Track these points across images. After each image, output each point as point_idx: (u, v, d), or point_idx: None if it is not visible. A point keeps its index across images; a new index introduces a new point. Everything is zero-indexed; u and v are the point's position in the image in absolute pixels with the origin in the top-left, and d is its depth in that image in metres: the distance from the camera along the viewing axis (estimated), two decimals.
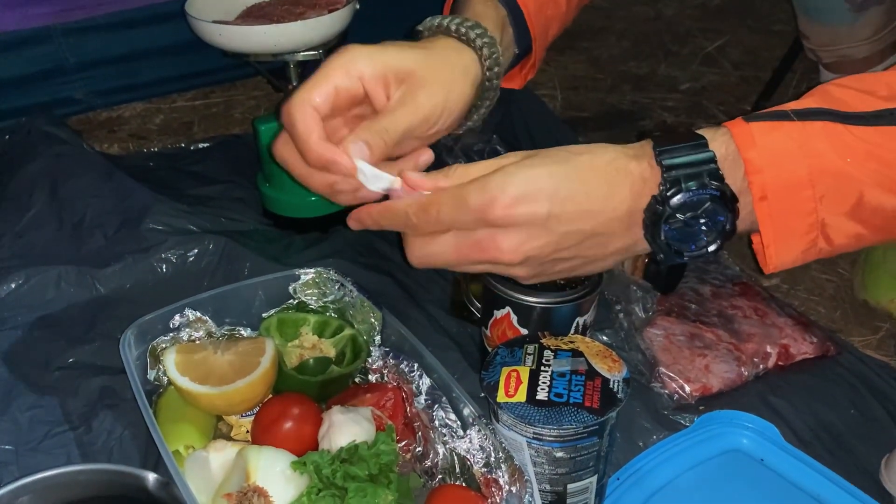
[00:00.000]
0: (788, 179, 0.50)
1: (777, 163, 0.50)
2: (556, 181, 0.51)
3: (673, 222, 0.50)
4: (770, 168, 0.50)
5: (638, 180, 0.51)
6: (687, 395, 0.76)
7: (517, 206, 0.50)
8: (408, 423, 0.66)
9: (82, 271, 0.85)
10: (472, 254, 0.52)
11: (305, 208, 0.96)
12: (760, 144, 0.50)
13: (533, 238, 0.51)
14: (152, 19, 1.18)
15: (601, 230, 0.52)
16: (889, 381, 0.80)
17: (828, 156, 0.49)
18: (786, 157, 0.50)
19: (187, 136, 1.21)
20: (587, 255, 0.53)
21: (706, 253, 0.52)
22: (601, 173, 0.51)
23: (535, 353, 0.64)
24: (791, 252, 0.52)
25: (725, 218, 0.51)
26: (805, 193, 0.50)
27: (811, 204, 0.50)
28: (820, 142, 0.49)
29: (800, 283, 0.95)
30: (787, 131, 0.50)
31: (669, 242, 0.51)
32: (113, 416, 0.70)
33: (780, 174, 0.50)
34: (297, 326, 0.74)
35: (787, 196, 0.50)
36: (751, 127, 0.50)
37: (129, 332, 0.68)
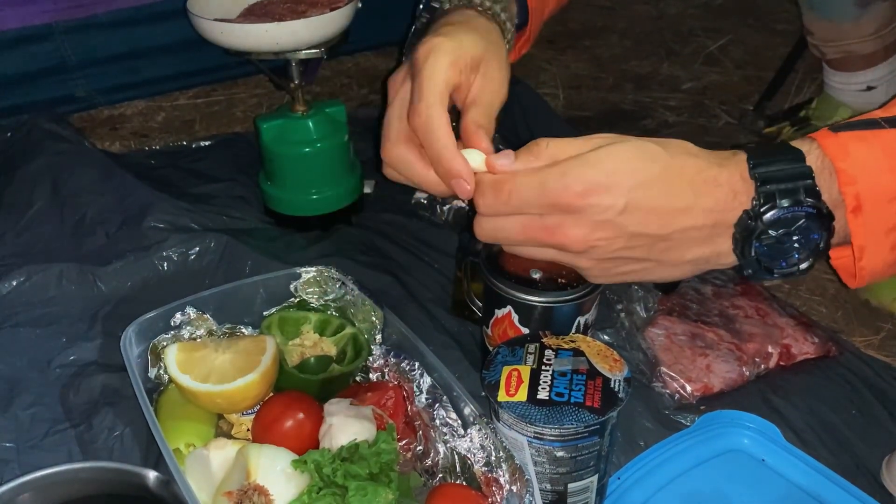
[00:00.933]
0: (883, 189, 0.48)
1: (871, 172, 0.48)
2: (638, 178, 0.49)
3: (765, 238, 0.49)
4: (864, 178, 0.48)
5: (727, 193, 0.49)
6: (688, 395, 0.76)
7: (591, 196, 0.49)
8: (408, 422, 0.66)
9: (84, 269, 0.85)
10: (540, 235, 0.51)
11: (307, 206, 0.96)
12: (853, 154, 0.48)
13: (601, 229, 0.50)
14: (154, 17, 1.18)
15: (677, 237, 0.50)
16: (890, 381, 0.80)
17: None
18: (880, 167, 0.48)
19: (189, 134, 1.21)
20: (660, 260, 0.51)
21: (797, 271, 0.50)
22: (688, 181, 0.50)
23: (536, 352, 0.64)
24: (881, 264, 0.51)
25: (820, 236, 0.49)
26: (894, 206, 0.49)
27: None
28: None
29: (801, 284, 0.95)
30: (881, 140, 0.49)
31: (760, 258, 0.49)
32: (114, 414, 0.70)
33: (876, 184, 0.48)
34: (299, 325, 0.74)
35: (881, 207, 0.49)
36: (841, 138, 0.49)
37: (130, 329, 0.68)
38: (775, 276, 0.50)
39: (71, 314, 0.82)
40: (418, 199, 1.02)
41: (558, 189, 0.49)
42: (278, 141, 0.93)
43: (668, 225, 0.49)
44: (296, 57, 0.89)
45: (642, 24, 1.63)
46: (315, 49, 0.88)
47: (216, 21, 0.85)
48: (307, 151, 0.92)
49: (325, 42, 0.89)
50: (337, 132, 0.94)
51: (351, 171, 0.98)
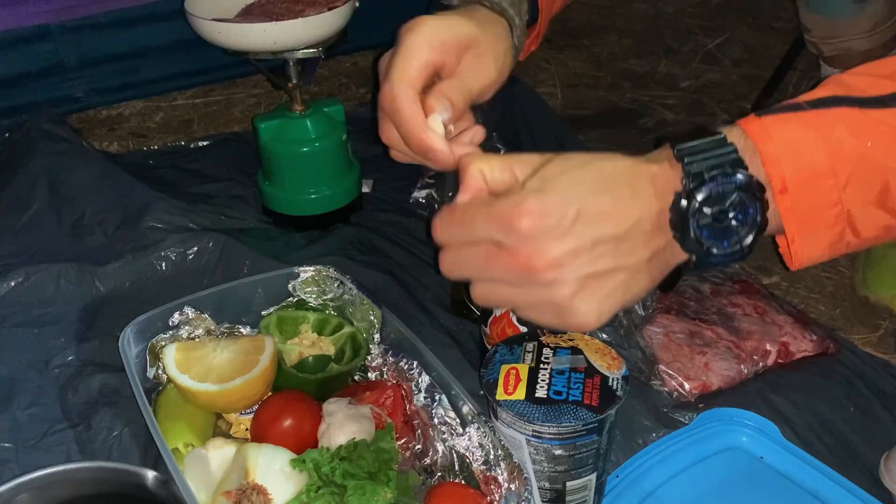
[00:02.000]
0: (808, 169, 0.48)
1: (795, 152, 0.48)
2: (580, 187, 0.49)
3: (701, 218, 0.48)
4: (788, 158, 0.48)
5: (660, 178, 0.49)
6: (686, 393, 0.76)
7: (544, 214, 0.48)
8: (407, 421, 0.66)
9: (82, 269, 0.85)
10: (502, 260, 0.49)
11: (305, 206, 0.96)
12: (776, 136, 0.48)
13: (562, 243, 0.48)
14: (152, 17, 1.18)
15: (632, 233, 0.49)
16: (889, 378, 0.80)
17: (848, 141, 0.48)
18: (803, 146, 0.48)
19: (187, 134, 1.20)
20: (627, 265, 0.50)
21: (741, 249, 0.49)
22: (624, 176, 0.50)
23: (535, 350, 0.64)
24: (817, 247, 0.50)
25: (755, 209, 0.48)
26: (827, 183, 0.48)
27: (835, 194, 0.49)
28: (838, 128, 0.48)
29: (800, 281, 0.95)
30: (803, 120, 0.49)
31: (700, 240, 0.49)
32: (112, 414, 0.70)
33: (799, 164, 0.48)
34: (297, 324, 0.74)
35: (808, 186, 0.48)
36: (764, 121, 0.49)
37: (129, 329, 0.68)
38: (720, 258, 0.49)
39: (69, 314, 0.82)
40: (416, 198, 1.02)
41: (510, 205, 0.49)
42: (276, 140, 0.93)
43: (622, 220, 0.49)
44: (294, 56, 0.89)
45: (640, 23, 1.63)
46: (313, 48, 0.88)
47: (214, 21, 0.86)
48: (305, 151, 0.92)
49: (323, 41, 0.89)
50: (335, 131, 0.94)
51: (349, 170, 0.98)
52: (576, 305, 0.49)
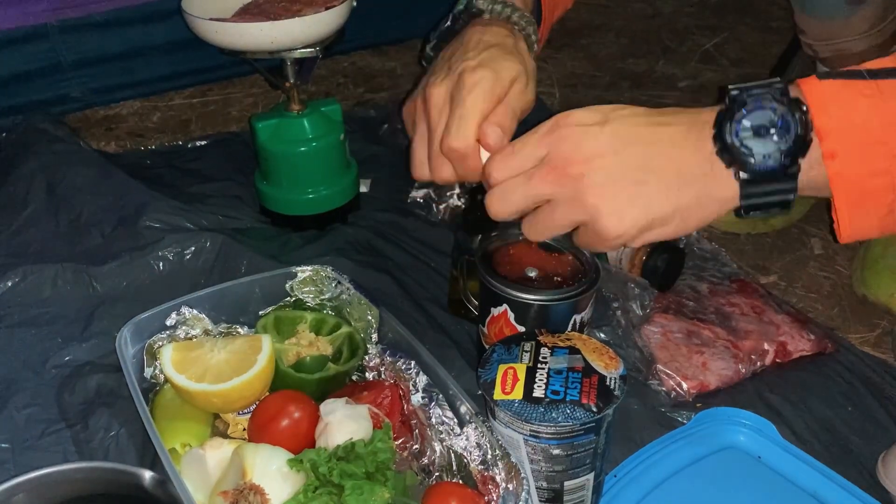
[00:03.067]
0: (859, 133, 0.48)
1: (847, 118, 0.48)
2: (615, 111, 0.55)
3: (742, 130, 0.49)
4: (839, 123, 0.48)
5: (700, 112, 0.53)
6: (684, 393, 0.76)
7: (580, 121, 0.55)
8: (405, 421, 0.66)
9: (79, 269, 0.85)
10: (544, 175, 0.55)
11: (303, 206, 0.96)
12: (829, 97, 0.48)
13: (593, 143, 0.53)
14: (149, 17, 1.18)
15: (667, 148, 0.52)
16: (886, 378, 0.80)
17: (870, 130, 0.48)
18: (856, 113, 0.48)
19: (185, 134, 1.20)
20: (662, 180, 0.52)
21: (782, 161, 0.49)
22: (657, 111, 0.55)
23: (532, 350, 0.64)
24: (867, 217, 0.50)
25: (796, 125, 0.48)
26: (879, 150, 0.47)
27: (885, 162, 0.48)
28: (893, 97, 0.47)
29: (797, 281, 0.95)
30: (860, 88, 0.48)
31: (739, 149, 0.49)
32: (109, 414, 0.70)
33: (851, 128, 0.48)
34: (294, 324, 0.74)
35: (858, 152, 0.48)
36: (822, 85, 0.49)
37: (126, 329, 0.68)
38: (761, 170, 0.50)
39: (66, 314, 0.82)
40: (414, 198, 1.02)
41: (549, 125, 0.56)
42: (274, 140, 0.93)
43: (652, 131, 0.53)
44: (291, 56, 0.89)
45: (638, 23, 1.63)
46: (310, 48, 0.88)
47: (211, 20, 0.85)
48: (303, 151, 0.92)
49: (321, 41, 0.89)
50: (332, 131, 0.94)
51: (346, 170, 0.98)
52: (605, 206, 0.53)
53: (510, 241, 0.75)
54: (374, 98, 1.32)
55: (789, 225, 1.03)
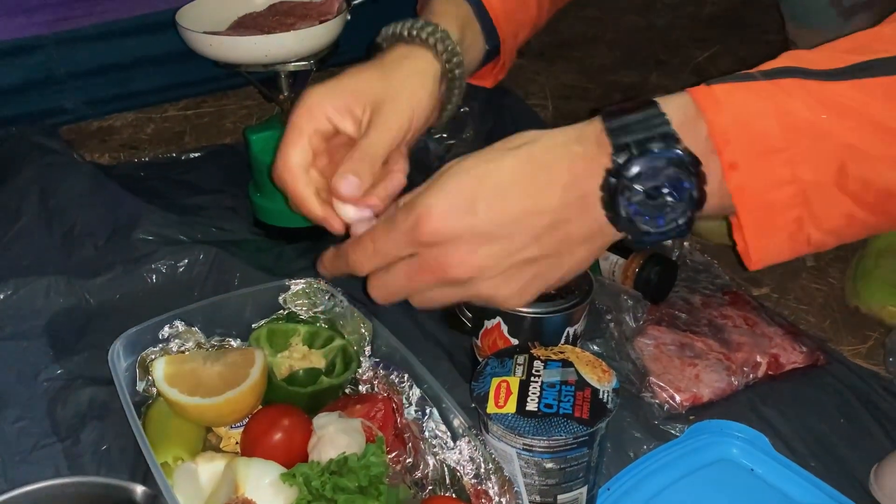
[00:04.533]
0: (760, 141, 0.45)
1: (745, 123, 0.45)
2: (486, 183, 0.48)
3: (633, 195, 0.46)
4: (737, 129, 0.45)
5: (581, 159, 0.47)
6: (677, 405, 0.76)
7: (447, 220, 0.48)
8: (398, 434, 0.66)
9: (72, 281, 0.85)
10: (423, 277, 0.50)
11: (296, 218, 0.94)
12: (725, 105, 0.45)
13: (478, 246, 0.48)
14: (143, 29, 1.18)
15: (554, 219, 0.48)
16: (878, 390, 0.80)
17: (801, 113, 0.44)
18: (754, 116, 0.45)
19: (178, 146, 1.20)
20: (553, 252, 0.49)
21: (677, 227, 0.47)
22: (536, 163, 0.48)
23: (525, 363, 0.64)
24: (774, 236, 0.47)
25: (691, 184, 0.45)
26: (780, 157, 0.44)
27: (788, 170, 0.45)
28: (791, 98, 0.45)
29: (790, 292, 0.95)
30: (755, 89, 0.45)
31: (632, 219, 0.46)
32: (101, 428, 0.70)
33: (750, 135, 0.45)
34: (287, 337, 0.74)
35: (760, 161, 0.45)
36: (713, 89, 0.46)
37: (118, 343, 0.68)
38: (654, 236, 0.47)
39: (58, 327, 0.81)
40: None
41: (412, 224, 0.49)
42: (268, 152, 0.92)
43: (539, 212, 0.48)
44: (285, 69, 0.89)
45: (631, 35, 1.64)
46: (304, 61, 0.88)
47: (205, 34, 0.86)
48: None
49: (315, 54, 0.89)
50: None
51: None
52: (500, 294, 0.51)
53: None
54: None
55: None
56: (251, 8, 0.95)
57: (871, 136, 0.44)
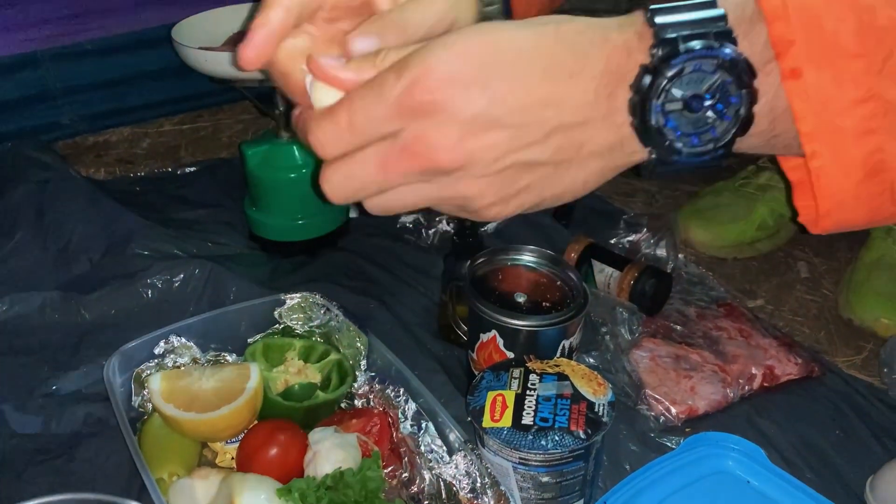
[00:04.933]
0: (831, 45, 0.36)
1: (814, 23, 0.36)
2: (503, 53, 0.38)
3: (668, 101, 0.38)
4: (804, 30, 0.36)
5: (620, 50, 0.38)
6: (673, 417, 0.76)
7: (448, 88, 0.37)
8: (394, 449, 0.66)
9: (67, 297, 0.85)
10: (402, 162, 0.39)
11: (292, 232, 0.96)
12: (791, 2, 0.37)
13: (476, 129, 0.38)
14: (139, 45, 1.19)
15: (570, 118, 0.38)
16: (873, 401, 0.80)
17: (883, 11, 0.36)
18: (826, 15, 0.36)
19: (174, 161, 1.21)
20: (560, 159, 0.40)
21: (713, 152, 0.38)
22: (566, 44, 0.38)
23: (521, 376, 0.64)
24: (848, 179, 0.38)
25: (739, 98, 0.37)
26: (856, 65, 0.36)
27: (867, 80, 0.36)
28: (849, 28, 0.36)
29: (784, 304, 0.96)
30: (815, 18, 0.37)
31: (663, 130, 0.38)
32: (97, 444, 0.70)
33: (820, 37, 0.36)
34: (283, 351, 0.74)
35: (830, 69, 0.36)
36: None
37: (114, 358, 0.68)
38: (685, 159, 0.39)
39: (54, 343, 0.81)
40: (404, 223, 1.02)
41: (405, 87, 0.38)
42: (263, 166, 0.93)
43: (557, 103, 0.38)
44: None
45: None
46: None
47: (201, 49, 0.86)
48: (292, 177, 0.93)
49: None
50: None
51: None
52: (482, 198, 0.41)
53: (499, 266, 0.75)
54: None
55: (776, 249, 1.04)
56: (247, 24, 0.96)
57: None
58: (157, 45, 1.14)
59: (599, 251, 0.91)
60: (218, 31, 0.94)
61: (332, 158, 0.41)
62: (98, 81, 1.19)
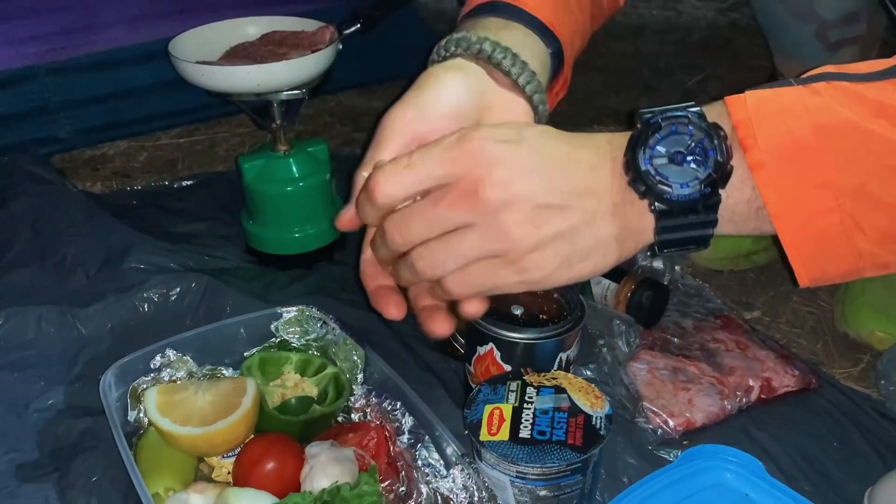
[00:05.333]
0: (788, 139, 0.42)
1: (772, 121, 0.43)
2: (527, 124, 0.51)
3: (655, 157, 0.44)
4: (764, 127, 0.43)
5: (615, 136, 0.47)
6: (671, 430, 0.76)
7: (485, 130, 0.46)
8: (391, 463, 0.66)
9: (63, 311, 0.84)
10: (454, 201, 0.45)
11: (289, 245, 0.96)
12: (752, 106, 0.44)
13: (510, 156, 0.45)
14: (136, 59, 1.19)
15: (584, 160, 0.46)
16: (870, 412, 0.80)
17: (833, 108, 0.42)
18: (783, 115, 0.43)
19: (171, 174, 1.21)
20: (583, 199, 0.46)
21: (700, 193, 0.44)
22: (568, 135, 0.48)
23: (518, 390, 0.64)
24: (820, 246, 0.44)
25: (715, 151, 0.44)
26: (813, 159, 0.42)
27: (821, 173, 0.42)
28: (823, 96, 0.43)
29: (781, 316, 0.96)
30: (786, 92, 0.44)
31: (658, 169, 0.44)
32: (92, 459, 0.69)
33: (777, 133, 0.43)
34: (280, 365, 0.74)
35: (789, 159, 0.42)
36: (745, 95, 0.45)
37: (110, 372, 0.68)
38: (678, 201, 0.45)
39: (50, 357, 0.81)
40: None
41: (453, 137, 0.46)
42: (260, 180, 0.93)
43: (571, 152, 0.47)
44: (277, 98, 0.90)
45: (620, 61, 1.65)
46: (296, 90, 0.89)
47: (198, 63, 0.86)
48: (289, 191, 0.93)
49: (307, 83, 0.90)
50: (319, 171, 0.95)
51: (333, 209, 0.99)
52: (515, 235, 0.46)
53: None
54: (361, 137, 1.33)
55: (772, 261, 1.04)
56: (243, 38, 0.96)
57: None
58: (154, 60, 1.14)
59: None
60: (215, 45, 0.95)
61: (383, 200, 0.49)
62: (95, 95, 1.20)
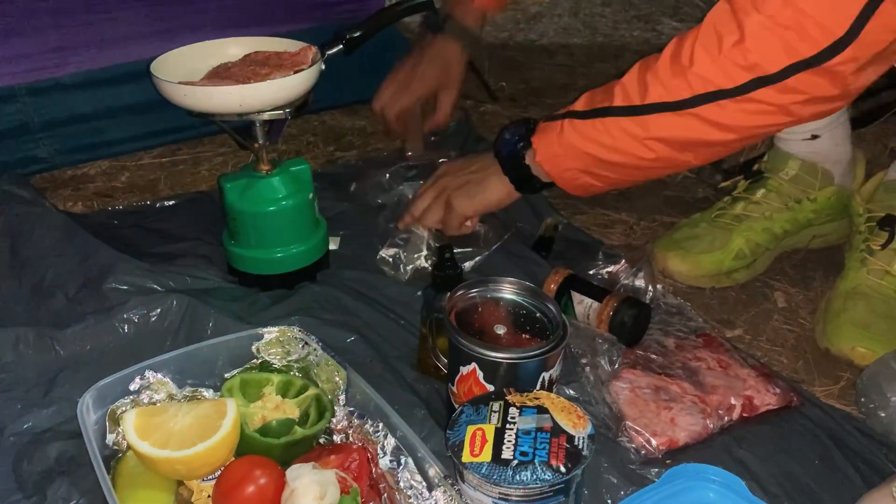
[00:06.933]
0: (549, 150, 0.89)
1: (544, 142, 0.90)
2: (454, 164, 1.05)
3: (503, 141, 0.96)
4: (541, 146, 0.90)
5: None
6: (653, 449, 0.76)
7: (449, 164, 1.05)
8: (373, 485, 0.65)
9: (41, 333, 0.83)
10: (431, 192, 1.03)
11: (271, 265, 0.95)
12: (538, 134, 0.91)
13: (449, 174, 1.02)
14: (118, 79, 1.19)
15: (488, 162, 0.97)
16: (851, 430, 0.81)
17: (568, 136, 0.87)
18: (548, 139, 0.89)
19: (153, 194, 1.20)
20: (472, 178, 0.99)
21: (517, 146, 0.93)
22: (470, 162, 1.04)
23: (501, 410, 0.64)
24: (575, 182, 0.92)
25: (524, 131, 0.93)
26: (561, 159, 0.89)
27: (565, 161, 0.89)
28: (565, 130, 0.87)
29: (762, 334, 0.97)
30: (551, 127, 0.89)
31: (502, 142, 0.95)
32: (69, 483, 0.68)
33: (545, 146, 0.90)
34: (261, 387, 0.73)
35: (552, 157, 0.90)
36: (541, 124, 0.92)
37: (88, 395, 0.67)
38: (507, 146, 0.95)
39: (27, 379, 0.80)
40: (384, 257, 1.02)
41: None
42: (242, 200, 0.93)
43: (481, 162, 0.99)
44: (260, 118, 0.90)
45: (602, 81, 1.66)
46: (279, 110, 0.89)
47: (180, 84, 0.86)
48: (271, 210, 0.93)
49: (289, 103, 0.90)
50: (301, 191, 0.95)
51: (315, 228, 0.98)
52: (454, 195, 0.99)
53: (478, 299, 0.75)
54: (344, 156, 1.34)
55: (752, 279, 1.05)
56: (226, 58, 0.96)
57: (599, 148, 0.85)
58: (136, 80, 1.14)
59: (578, 283, 0.92)
60: (197, 65, 0.95)
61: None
62: (76, 115, 1.19)
